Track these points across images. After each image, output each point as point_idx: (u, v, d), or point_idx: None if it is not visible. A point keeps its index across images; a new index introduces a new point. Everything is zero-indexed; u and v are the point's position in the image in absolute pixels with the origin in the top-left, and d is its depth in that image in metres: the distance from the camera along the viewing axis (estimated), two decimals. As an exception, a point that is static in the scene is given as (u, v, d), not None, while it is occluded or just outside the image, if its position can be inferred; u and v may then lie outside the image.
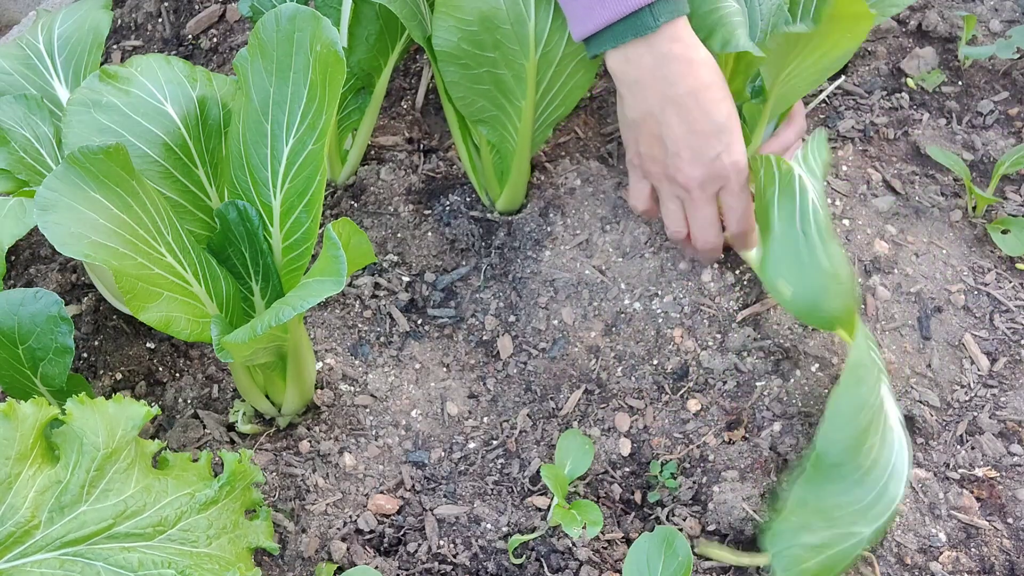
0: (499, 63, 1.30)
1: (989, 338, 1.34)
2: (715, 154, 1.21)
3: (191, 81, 1.19)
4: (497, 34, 1.27)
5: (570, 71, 1.33)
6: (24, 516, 0.93)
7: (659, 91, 1.20)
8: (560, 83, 1.35)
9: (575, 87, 1.37)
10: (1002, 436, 1.26)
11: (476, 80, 1.33)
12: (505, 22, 1.27)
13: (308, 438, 1.30)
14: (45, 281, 1.49)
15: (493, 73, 1.32)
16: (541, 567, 1.17)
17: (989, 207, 1.47)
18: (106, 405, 0.99)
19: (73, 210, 0.98)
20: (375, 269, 1.48)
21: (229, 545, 1.01)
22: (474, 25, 1.27)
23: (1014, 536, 1.18)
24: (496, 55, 1.29)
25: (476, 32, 1.27)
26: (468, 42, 1.28)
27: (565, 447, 1.24)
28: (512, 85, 1.33)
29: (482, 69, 1.31)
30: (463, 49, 1.29)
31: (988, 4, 1.74)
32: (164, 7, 1.88)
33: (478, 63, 1.30)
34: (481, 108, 1.37)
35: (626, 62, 1.21)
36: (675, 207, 1.30)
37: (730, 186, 1.24)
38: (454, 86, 1.33)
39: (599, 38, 1.20)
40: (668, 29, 1.17)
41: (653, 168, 1.28)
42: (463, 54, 1.29)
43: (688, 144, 1.21)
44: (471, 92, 1.34)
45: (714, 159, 1.21)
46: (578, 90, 1.37)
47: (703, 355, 1.33)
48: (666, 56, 1.18)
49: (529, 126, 1.38)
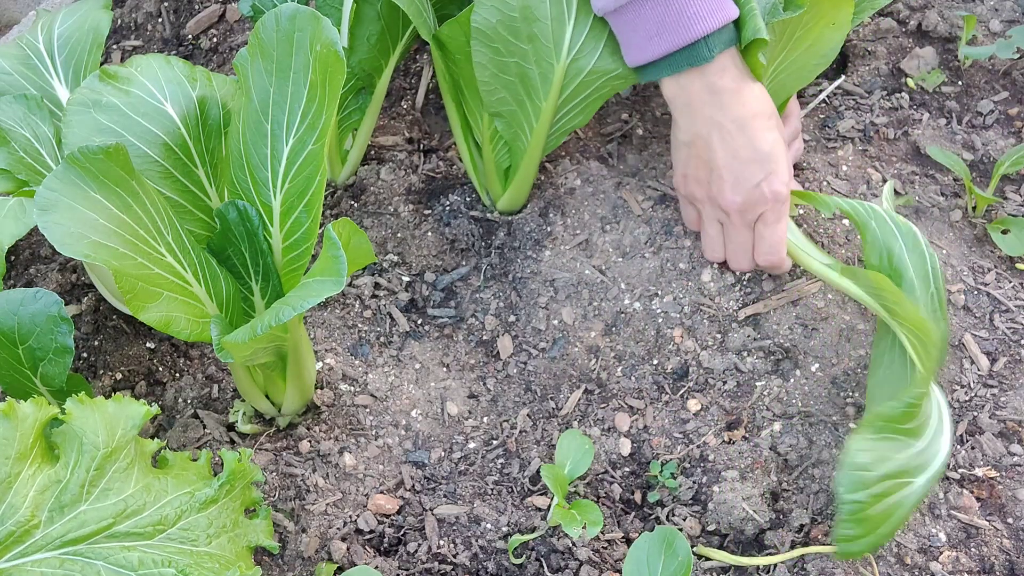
0: (529, 57, 1.30)
1: (989, 338, 1.34)
2: (756, 181, 1.25)
3: (191, 81, 1.19)
4: (535, 27, 1.28)
5: (598, 84, 1.34)
6: (24, 515, 0.92)
7: (708, 116, 1.25)
8: (586, 94, 1.35)
9: (597, 100, 1.37)
10: (1002, 436, 1.26)
11: (503, 69, 1.32)
12: (546, 17, 1.27)
13: (308, 438, 1.30)
14: (45, 281, 1.49)
15: (521, 66, 1.32)
16: (541, 567, 1.17)
17: (989, 207, 1.47)
18: (106, 404, 0.99)
19: (73, 210, 0.98)
20: (375, 269, 1.48)
21: (229, 544, 1.01)
22: (515, 11, 1.27)
23: (1014, 536, 1.18)
24: (529, 48, 1.30)
25: (515, 19, 1.28)
26: (505, 27, 1.28)
27: (565, 447, 1.24)
28: (537, 83, 1.33)
29: (512, 59, 1.31)
30: (499, 33, 1.29)
31: (988, 4, 1.74)
32: (164, 7, 1.88)
33: (509, 51, 1.30)
34: (501, 100, 1.36)
35: (679, 89, 1.26)
36: (715, 232, 1.33)
37: (767, 215, 1.27)
38: (480, 68, 1.33)
39: (655, 67, 1.25)
40: (721, 59, 1.22)
41: (697, 191, 1.31)
42: (498, 38, 1.29)
43: (731, 169, 1.25)
44: (496, 80, 1.34)
45: (755, 186, 1.25)
46: (597, 103, 1.38)
47: (703, 355, 1.33)
48: (716, 84, 1.23)
49: (545, 128, 1.38)
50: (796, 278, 1.37)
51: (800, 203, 1.41)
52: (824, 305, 1.35)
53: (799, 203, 1.41)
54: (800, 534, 1.18)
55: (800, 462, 1.24)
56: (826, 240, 1.41)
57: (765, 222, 1.28)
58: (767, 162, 1.25)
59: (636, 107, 1.63)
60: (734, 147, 1.25)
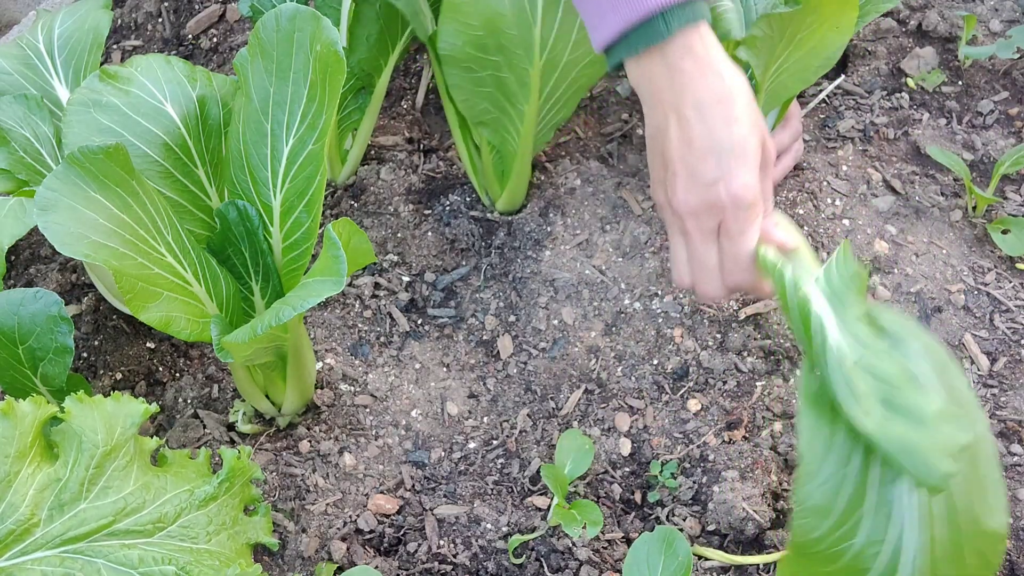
0: (503, 67, 1.30)
1: (989, 338, 1.34)
2: (712, 179, 1.05)
3: (191, 81, 1.19)
4: (502, 38, 1.27)
5: (574, 76, 1.33)
6: (24, 514, 0.92)
7: (668, 102, 1.07)
8: (564, 87, 1.34)
9: (578, 90, 1.36)
10: (1002, 436, 1.26)
11: (479, 83, 1.32)
12: (511, 27, 1.26)
13: (308, 438, 1.30)
14: (45, 281, 1.49)
15: (496, 76, 1.31)
16: (541, 567, 1.17)
17: (989, 207, 1.47)
18: (105, 403, 0.99)
19: (73, 210, 0.98)
20: (375, 269, 1.48)
21: (229, 541, 1.01)
22: (479, 30, 1.26)
23: (1014, 536, 1.18)
24: (500, 59, 1.29)
25: (481, 36, 1.27)
26: (472, 46, 1.28)
27: (565, 447, 1.24)
28: (515, 89, 1.33)
29: (485, 72, 1.31)
30: (467, 53, 1.28)
31: (988, 4, 1.74)
32: (164, 7, 1.88)
33: (482, 66, 1.30)
34: (483, 111, 1.37)
35: (642, 74, 1.08)
36: (678, 247, 1.13)
37: (728, 225, 1.06)
38: (457, 89, 1.33)
39: (616, 49, 1.08)
40: (683, 38, 1.04)
41: (659, 196, 1.13)
42: (467, 58, 1.29)
43: (685, 163, 1.06)
44: (474, 95, 1.34)
45: (709, 185, 1.05)
46: (581, 92, 1.37)
47: (703, 355, 1.33)
48: (678, 66, 1.05)
49: (531, 129, 1.38)
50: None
51: None
52: (824, 305, 1.35)
53: None
54: (800, 534, 1.18)
55: (800, 462, 1.24)
56: (826, 240, 1.41)
57: (727, 233, 1.07)
58: (726, 157, 1.04)
59: (636, 107, 1.63)
60: (690, 136, 1.05)
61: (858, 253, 1.40)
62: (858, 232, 1.42)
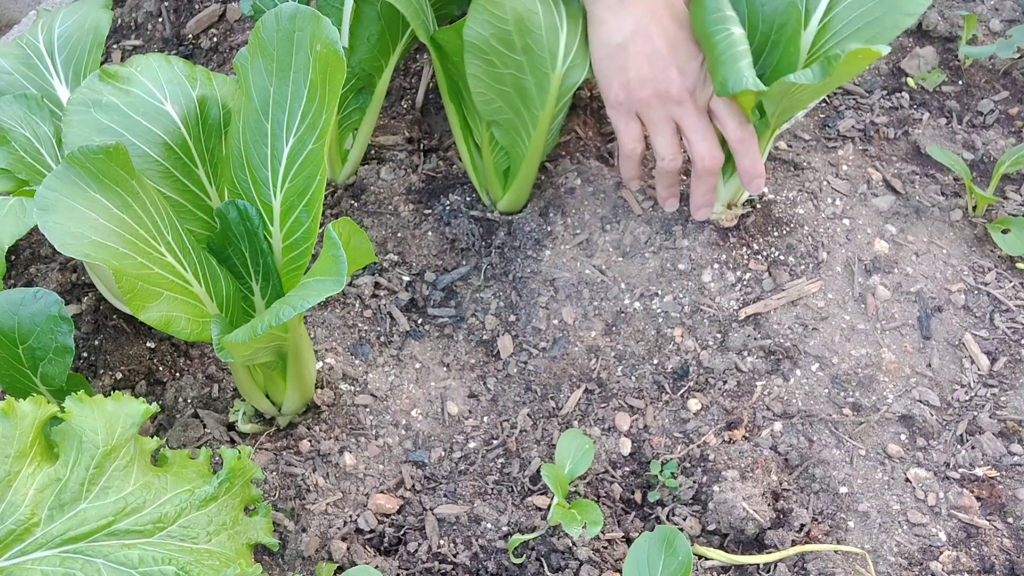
0: (525, 68, 1.30)
1: (989, 337, 1.34)
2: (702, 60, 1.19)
3: (191, 81, 1.19)
4: (529, 38, 1.27)
5: None
6: (24, 514, 0.93)
7: (643, 5, 1.18)
8: None
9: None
10: (1002, 436, 1.26)
11: (498, 80, 1.32)
12: (540, 28, 1.26)
13: (308, 438, 1.29)
14: (45, 281, 1.49)
15: (517, 77, 1.31)
16: (541, 567, 1.17)
17: (989, 207, 1.47)
18: (105, 403, 0.99)
19: (73, 210, 0.98)
20: (375, 269, 1.48)
21: (229, 541, 1.01)
22: (509, 24, 1.26)
23: (1014, 536, 1.18)
24: (524, 59, 1.29)
25: (509, 32, 1.27)
26: (499, 40, 1.28)
27: (565, 447, 1.24)
28: (533, 93, 1.33)
29: (507, 70, 1.31)
30: (492, 46, 1.28)
31: (988, 4, 1.74)
32: (164, 7, 1.88)
33: (504, 63, 1.30)
34: (498, 109, 1.36)
35: None
36: (669, 131, 1.25)
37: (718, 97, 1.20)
38: (475, 80, 1.32)
39: None
40: None
41: (642, 93, 1.23)
42: (492, 51, 1.29)
43: (681, 50, 1.18)
44: (491, 91, 1.34)
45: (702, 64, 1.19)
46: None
47: (703, 355, 1.33)
48: None
49: (543, 135, 1.38)
50: (796, 278, 1.37)
51: None
52: (824, 305, 1.35)
53: None
54: (800, 533, 1.18)
55: (800, 462, 1.24)
56: (826, 240, 1.41)
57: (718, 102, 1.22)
58: None
59: (636, 107, 1.63)
60: (673, 29, 1.18)
61: (858, 253, 1.40)
62: (858, 232, 1.42)
